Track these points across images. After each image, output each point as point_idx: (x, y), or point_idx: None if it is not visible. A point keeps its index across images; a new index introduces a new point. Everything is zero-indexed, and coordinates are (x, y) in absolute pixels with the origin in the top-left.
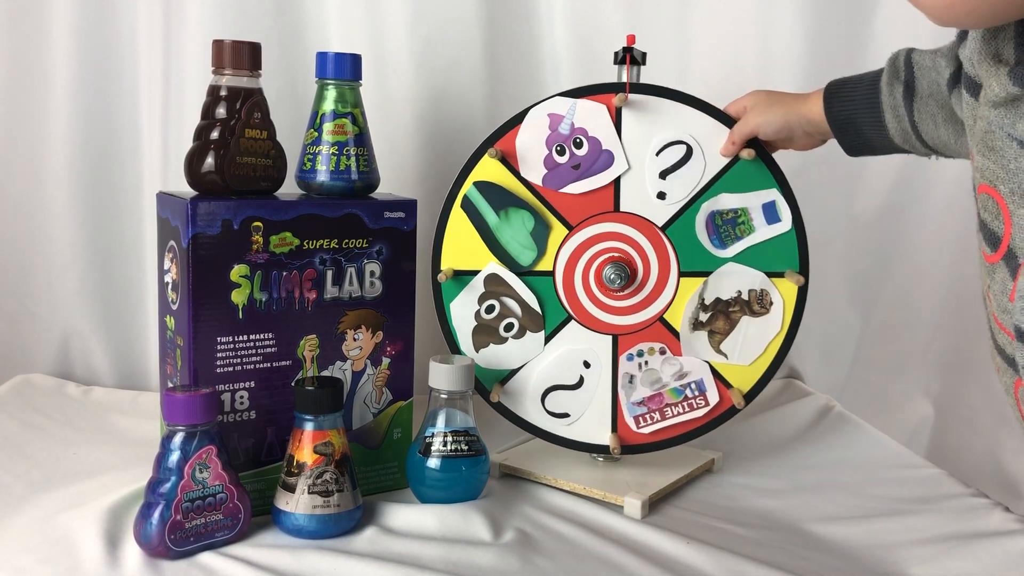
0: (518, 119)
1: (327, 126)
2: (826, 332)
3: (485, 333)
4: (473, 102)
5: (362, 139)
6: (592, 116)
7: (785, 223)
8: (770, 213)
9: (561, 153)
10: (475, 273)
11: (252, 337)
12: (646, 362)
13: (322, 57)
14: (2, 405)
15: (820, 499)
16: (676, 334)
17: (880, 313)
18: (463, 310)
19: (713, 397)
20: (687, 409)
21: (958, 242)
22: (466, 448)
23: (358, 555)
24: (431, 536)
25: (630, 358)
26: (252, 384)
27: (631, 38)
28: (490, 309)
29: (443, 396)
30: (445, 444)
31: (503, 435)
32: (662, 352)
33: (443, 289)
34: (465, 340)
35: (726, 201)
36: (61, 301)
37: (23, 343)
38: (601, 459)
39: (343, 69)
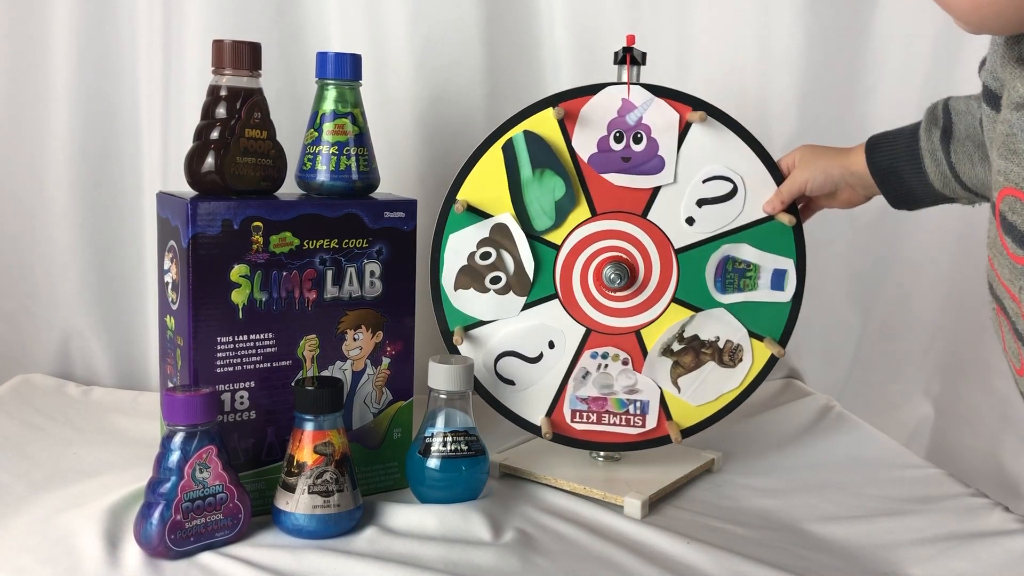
0: (591, 90)
1: (327, 126)
2: (826, 332)
3: (470, 276)
4: (473, 102)
5: (362, 139)
6: (662, 119)
7: (787, 294)
8: (777, 280)
9: (618, 140)
10: (487, 216)
11: (252, 337)
12: (606, 365)
13: (322, 57)
14: (2, 405)
15: (820, 499)
16: (645, 352)
17: (880, 313)
18: (460, 245)
19: (651, 422)
20: (623, 423)
21: (958, 243)
22: (466, 448)
23: (358, 555)
24: (431, 536)
25: (594, 356)
26: (252, 384)
27: (631, 38)
28: (485, 256)
29: (442, 396)
30: (445, 444)
31: (503, 435)
32: (624, 363)
33: (449, 217)
34: (449, 274)
35: (745, 252)
36: (61, 301)
37: (23, 343)
38: (601, 458)
39: (343, 69)
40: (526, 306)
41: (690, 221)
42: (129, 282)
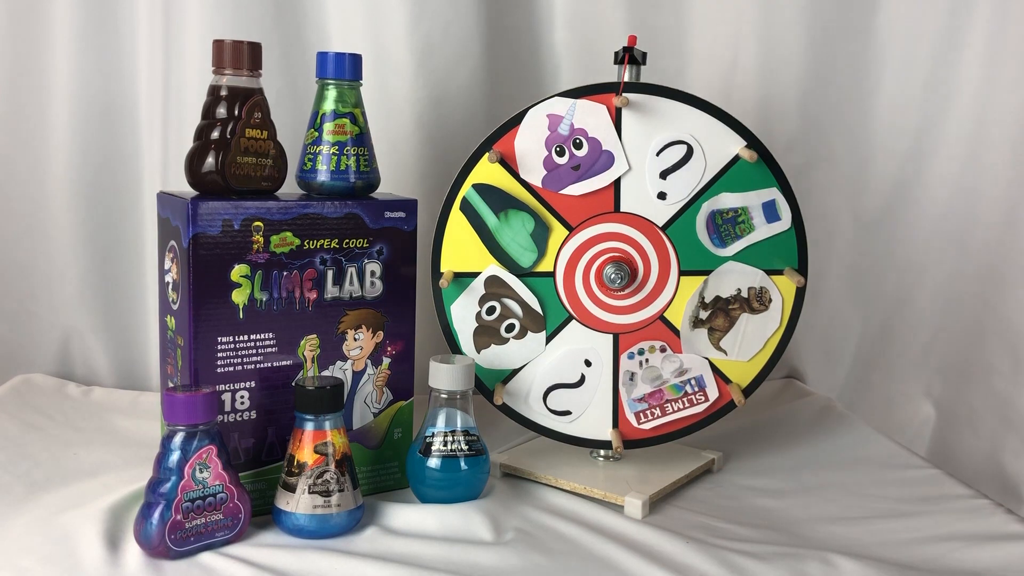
0: (517, 120)
1: (327, 126)
2: (826, 332)
3: (486, 334)
4: (473, 102)
5: (362, 139)
6: (592, 116)
7: (785, 222)
8: (770, 212)
9: (561, 154)
10: (475, 275)
11: (252, 337)
12: (647, 360)
13: (322, 57)
14: (2, 405)
15: (820, 499)
16: (676, 332)
17: (880, 313)
18: (464, 312)
19: (713, 393)
20: (687, 405)
21: (959, 242)
22: (466, 448)
23: (358, 555)
24: (431, 536)
25: (631, 356)
26: (252, 384)
27: (632, 39)
28: (491, 311)
29: (443, 396)
30: (445, 444)
31: (504, 435)
32: (663, 350)
33: (443, 292)
34: (466, 341)
35: (726, 200)
36: (61, 301)
37: (23, 343)
38: (601, 458)
39: (343, 69)
40: (548, 339)
41: (662, 196)
42: (129, 282)
